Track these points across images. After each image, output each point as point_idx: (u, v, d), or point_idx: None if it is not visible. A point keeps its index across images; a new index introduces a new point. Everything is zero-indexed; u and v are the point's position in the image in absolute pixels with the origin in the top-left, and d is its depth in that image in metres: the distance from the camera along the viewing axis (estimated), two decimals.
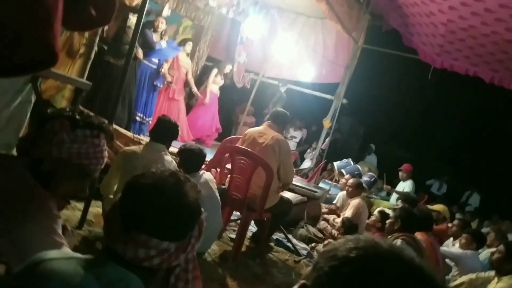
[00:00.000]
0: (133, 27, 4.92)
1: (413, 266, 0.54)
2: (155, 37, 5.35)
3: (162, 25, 5.39)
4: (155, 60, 5.55)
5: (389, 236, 3.32)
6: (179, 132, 3.17)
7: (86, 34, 2.74)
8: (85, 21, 1.15)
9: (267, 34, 7.28)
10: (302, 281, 0.57)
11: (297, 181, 5.06)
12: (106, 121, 1.39)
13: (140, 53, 5.17)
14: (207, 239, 3.07)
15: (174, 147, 4.62)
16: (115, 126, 3.32)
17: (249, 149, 3.50)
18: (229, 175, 3.63)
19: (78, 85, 2.47)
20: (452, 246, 4.66)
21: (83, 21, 1.16)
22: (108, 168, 3.04)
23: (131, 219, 0.98)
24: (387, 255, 0.54)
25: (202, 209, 1.09)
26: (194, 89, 6.43)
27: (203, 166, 3.28)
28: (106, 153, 1.40)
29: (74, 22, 1.14)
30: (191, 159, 3.09)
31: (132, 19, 4.84)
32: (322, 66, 7.26)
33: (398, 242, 3.14)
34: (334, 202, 5.52)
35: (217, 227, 3.24)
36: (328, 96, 7.29)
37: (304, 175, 6.83)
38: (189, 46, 6.16)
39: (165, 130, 3.00)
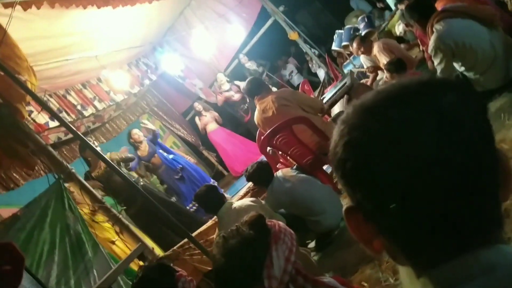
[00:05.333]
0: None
1: (402, 95, 0.46)
2: (139, 152, 5.28)
3: (139, 135, 5.33)
4: (160, 162, 5.50)
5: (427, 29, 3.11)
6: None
7: (112, 227, 2.83)
8: None
9: (186, 51, 7.27)
10: (345, 207, 0.52)
11: (328, 93, 4.97)
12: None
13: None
14: (333, 213, 2.99)
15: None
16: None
17: (273, 126, 3.51)
18: (287, 156, 3.67)
19: (136, 256, 2.60)
20: None
21: None
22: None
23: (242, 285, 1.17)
24: (371, 114, 0.46)
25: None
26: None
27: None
28: None
29: None
30: (260, 175, 3.18)
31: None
32: (239, 14, 7.10)
33: (436, 26, 2.96)
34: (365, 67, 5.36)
35: (329, 194, 3.14)
36: (269, 22, 7.13)
37: (329, 80, 6.69)
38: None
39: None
